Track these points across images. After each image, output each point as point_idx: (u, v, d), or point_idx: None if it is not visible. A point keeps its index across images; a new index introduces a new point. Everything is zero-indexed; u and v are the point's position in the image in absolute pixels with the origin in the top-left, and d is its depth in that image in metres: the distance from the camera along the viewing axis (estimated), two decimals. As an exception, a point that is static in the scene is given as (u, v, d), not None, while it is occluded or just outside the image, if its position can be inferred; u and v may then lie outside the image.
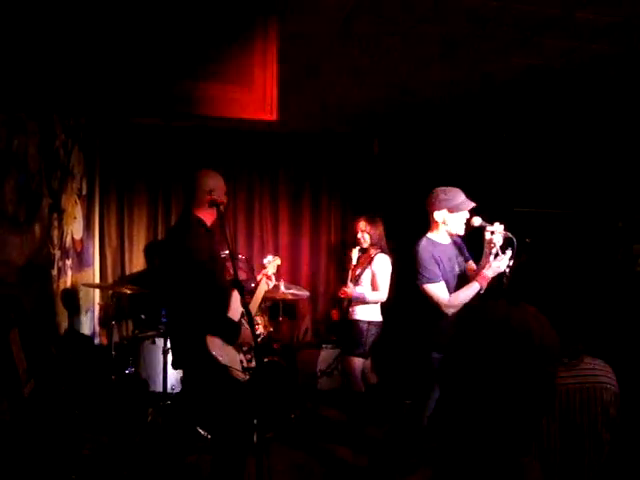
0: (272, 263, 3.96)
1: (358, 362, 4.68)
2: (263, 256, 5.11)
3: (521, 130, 5.69)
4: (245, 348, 3.36)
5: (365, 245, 4.83)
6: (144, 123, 5.84)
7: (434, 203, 3.52)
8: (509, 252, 3.38)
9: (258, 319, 4.90)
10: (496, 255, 3.41)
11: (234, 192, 6.15)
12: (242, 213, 6.34)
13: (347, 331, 4.74)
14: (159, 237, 6.05)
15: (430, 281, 3.43)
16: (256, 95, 2.35)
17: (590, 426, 1.70)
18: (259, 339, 4.60)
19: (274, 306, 5.53)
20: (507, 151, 5.88)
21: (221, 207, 3.25)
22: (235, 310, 3.37)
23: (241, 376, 3.23)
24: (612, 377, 1.81)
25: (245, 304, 3.15)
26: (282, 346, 5.31)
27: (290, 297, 5.32)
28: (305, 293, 5.48)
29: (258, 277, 3.96)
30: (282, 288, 5.08)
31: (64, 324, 4.68)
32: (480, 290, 3.40)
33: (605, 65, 3.86)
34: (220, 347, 3.18)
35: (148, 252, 6.05)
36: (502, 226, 3.42)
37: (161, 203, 6.10)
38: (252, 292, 3.82)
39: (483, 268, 3.42)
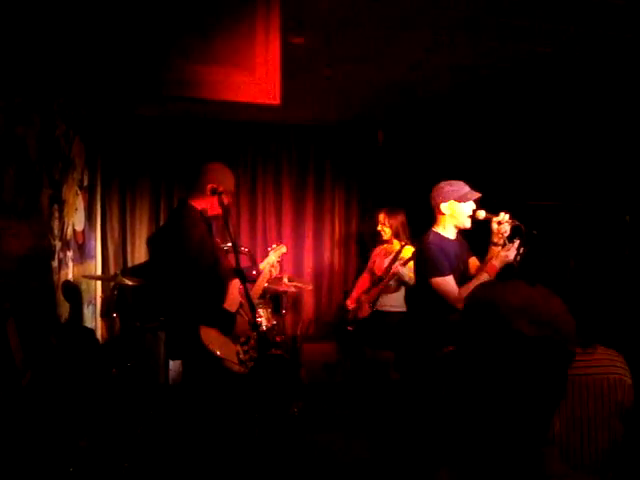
0: (276, 251, 3.89)
1: (390, 354, 4.69)
2: (266, 249, 5.06)
3: (529, 121, 5.61)
4: (242, 339, 3.30)
5: (386, 237, 4.87)
6: (146, 115, 5.79)
7: (440, 195, 3.43)
8: (517, 241, 3.31)
9: (261, 312, 4.85)
10: (503, 245, 3.35)
11: (237, 184, 6.08)
12: (245, 205, 6.29)
13: (374, 324, 4.74)
14: (161, 229, 6.00)
15: (439, 275, 3.35)
16: (258, 79, 2.29)
17: (604, 417, 1.64)
18: (261, 331, 4.55)
19: (277, 299, 5.48)
20: (514, 143, 5.81)
21: (222, 196, 3.20)
22: (232, 301, 3.32)
23: (237, 368, 3.17)
24: (626, 368, 1.76)
25: (247, 293, 3.10)
26: (285, 339, 5.26)
27: (293, 289, 5.27)
28: (309, 285, 5.43)
29: (260, 266, 3.90)
30: (285, 280, 5.03)
31: (65, 316, 4.64)
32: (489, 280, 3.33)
33: (618, 53, 3.79)
34: (215, 338, 3.13)
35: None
36: (508, 215, 3.34)
37: (163, 195, 6.05)
38: (254, 282, 3.77)
39: (491, 259, 3.35)
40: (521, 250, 3.30)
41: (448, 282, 3.35)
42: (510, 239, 3.35)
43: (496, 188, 5.67)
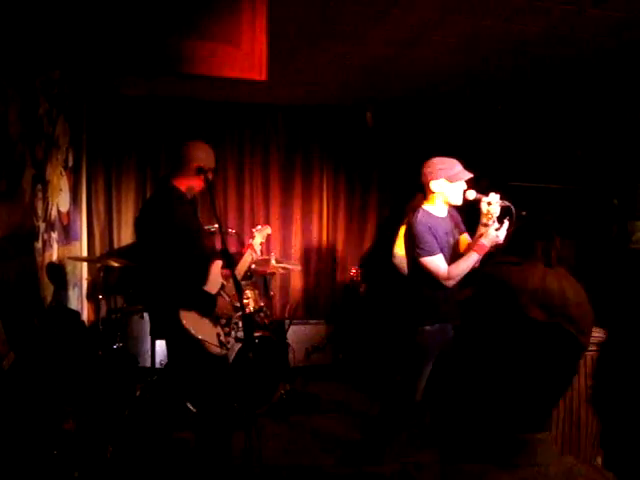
0: (261, 232, 3.83)
1: None
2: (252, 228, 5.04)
3: (518, 103, 5.58)
4: (223, 321, 3.28)
5: None
6: (132, 94, 5.70)
7: (431, 172, 3.36)
8: (507, 222, 3.29)
9: (249, 293, 4.81)
10: (492, 225, 3.32)
11: (225, 165, 6.04)
12: (233, 187, 6.22)
13: None
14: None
15: (429, 254, 3.32)
16: (244, 54, 2.23)
17: (588, 395, 1.63)
18: (247, 312, 4.52)
19: (265, 280, 5.44)
20: (503, 124, 5.79)
21: (209, 174, 3.16)
22: (213, 282, 3.28)
23: (217, 350, 3.15)
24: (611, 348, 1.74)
25: (233, 275, 3.07)
26: (273, 321, 5.23)
27: (281, 271, 5.23)
28: (297, 267, 5.40)
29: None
30: (273, 262, 4.99)
31: (49, 298, 4.58)
32: (478, 260, 3.31)
33: (604, 33, 3.75)
34: (196, 321, 3.10)
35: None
36: (498, 196, 3.31)
37: (149, 175, 5.97)
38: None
39: (480, 237, 3.32)
40: (510, 230, 3.28)
41: (437, 261, 3.33)
42: (500, 220, 3.32)
43: (485, 170, 5.66)
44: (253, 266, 5.03)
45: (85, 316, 5.64)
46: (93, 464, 3.27)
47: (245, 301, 4.69)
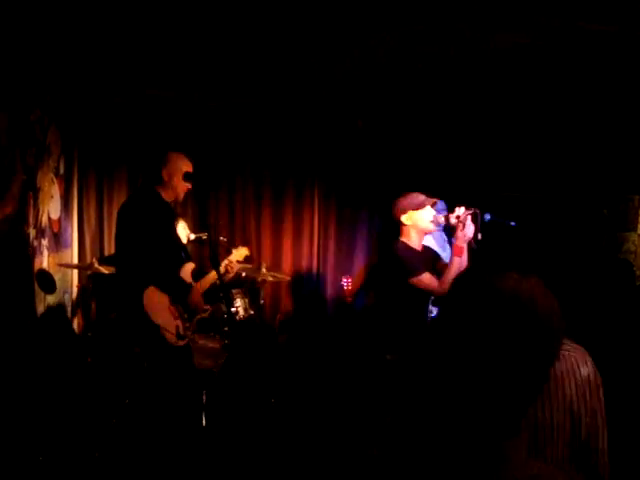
0: (237, 252, 3.98)
1: None
2: (243, 239, 5.09)
3: (509, 113, 5.62)
4: (186, 316, 3.46)
5: None
6: (123, 102, 5.70)
7: (399, 209, 3.56)
8: (469, 219, 3.44)
9: (239, 301, 4.83)
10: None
11: (216, 173, 6.05)
12: (224, 195, 6.23)
13: None
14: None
15: (417, 273, 3.43)
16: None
17: (564, 409, 1.63)
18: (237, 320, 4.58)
19: (255, 289, 5.44)
20: (495, 134, 5.82)
21: (186, 183, 3.35)
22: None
23: (173, 340, 3.32)
24: (585, 361, 1.72)
25: (219, 276, 3.20)
26: (263, 329, 5.23)
27: (271, 279, 5.24)
28: (286, 277, 5.42)
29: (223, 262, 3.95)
30: (263, 270, 5.01)
31: (40, 305, 4.58)
32: (461, 262, 3.45)
33: (594, 44, 3.80)
34: (157, 307, 3.29)
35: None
36: (462, 208, 3.47)
37: (141, 183, 5.96)
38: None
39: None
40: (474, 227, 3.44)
41: (426, 277, 3.45)
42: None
43: (476, 180, 5.71)
44: (244, 274, 5.06)
45: (75, 323, 5.62)
46: (82, 470, 3.26)
47: (235, 309, 4.72)
